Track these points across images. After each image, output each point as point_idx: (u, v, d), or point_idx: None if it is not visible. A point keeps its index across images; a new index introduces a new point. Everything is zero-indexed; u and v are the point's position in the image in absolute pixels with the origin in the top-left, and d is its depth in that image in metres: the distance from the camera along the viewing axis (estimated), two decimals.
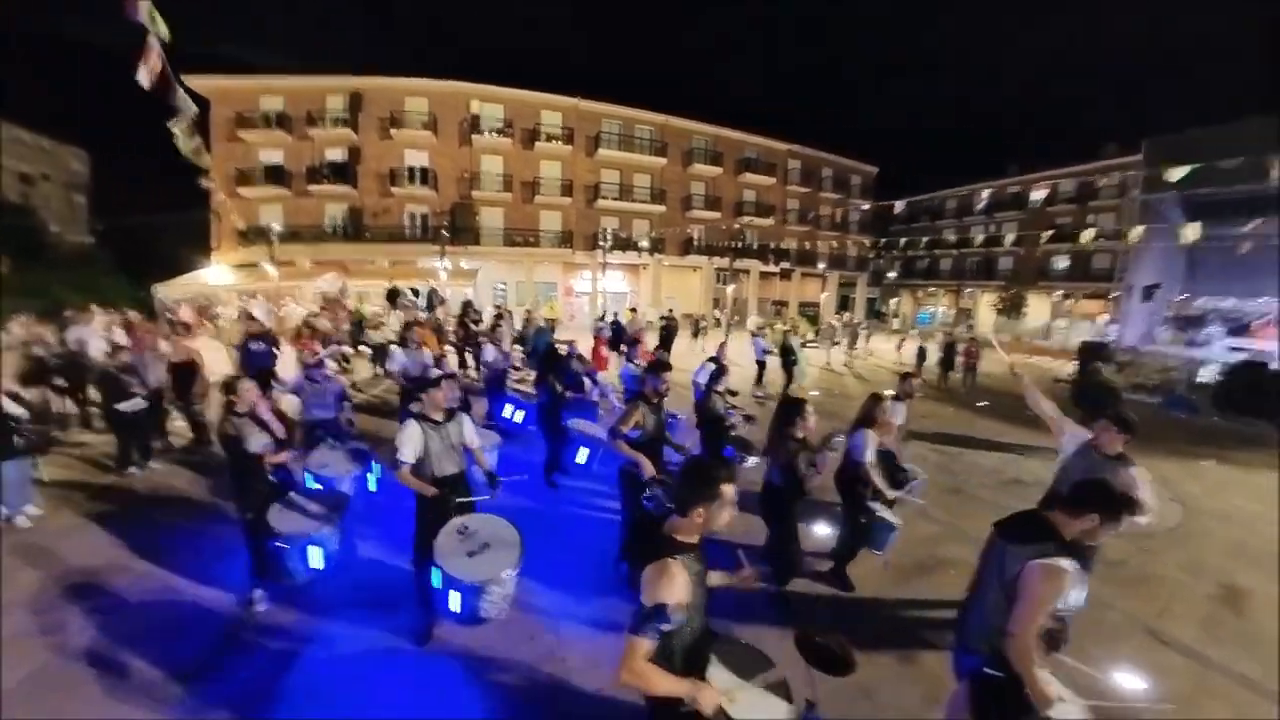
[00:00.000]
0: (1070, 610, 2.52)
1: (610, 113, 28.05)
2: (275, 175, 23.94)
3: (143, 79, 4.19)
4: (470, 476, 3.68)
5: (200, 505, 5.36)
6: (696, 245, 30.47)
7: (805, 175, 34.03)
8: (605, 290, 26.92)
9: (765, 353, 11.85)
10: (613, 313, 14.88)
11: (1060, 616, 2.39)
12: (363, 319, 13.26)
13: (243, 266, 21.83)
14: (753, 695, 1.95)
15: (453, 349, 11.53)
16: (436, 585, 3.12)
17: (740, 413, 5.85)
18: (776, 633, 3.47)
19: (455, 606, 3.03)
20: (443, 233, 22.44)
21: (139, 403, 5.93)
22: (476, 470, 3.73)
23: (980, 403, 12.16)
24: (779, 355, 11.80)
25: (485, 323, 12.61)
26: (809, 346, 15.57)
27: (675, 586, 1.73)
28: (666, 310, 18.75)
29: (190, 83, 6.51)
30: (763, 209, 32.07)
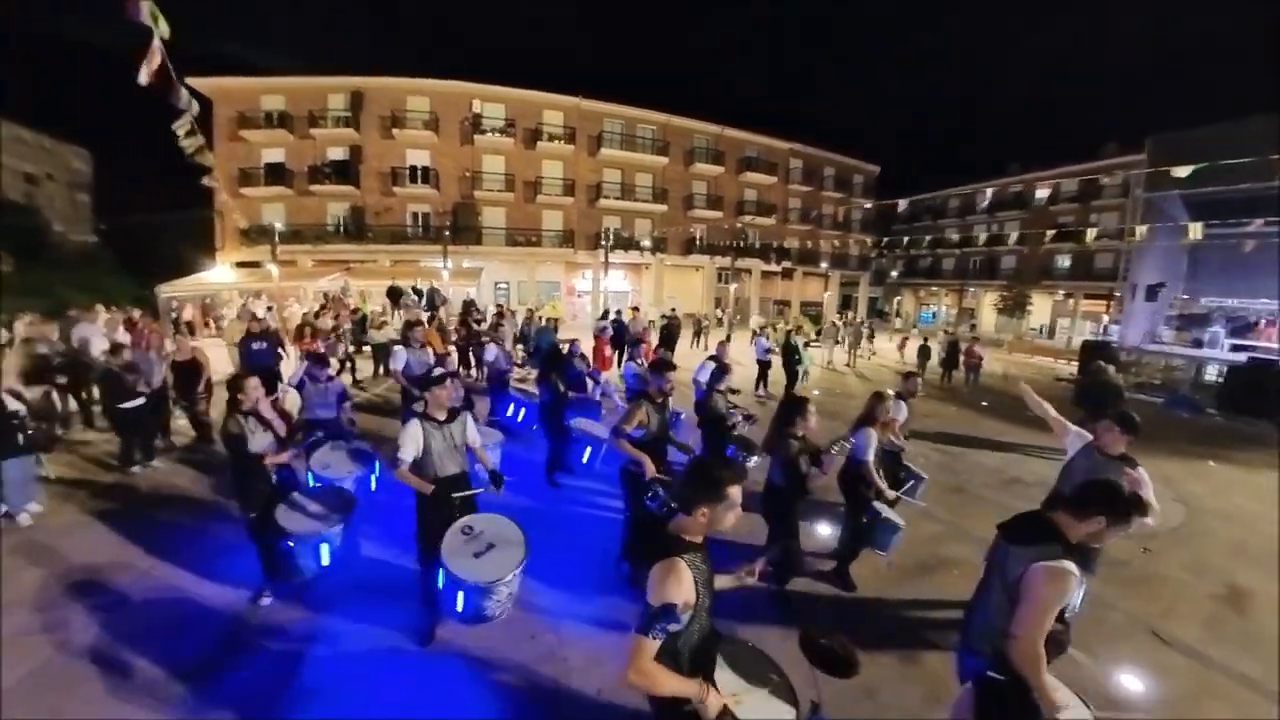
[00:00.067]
0: (1070, 612, 2.51)
1: (612, 112, 28.03)
2: (277, 174, 23.99)
3: (143, 78, 4.19)
4: (472, 475, 3.67)
5: (203, 504, 5.37)
6: (698, 244, 30.45)
7: (807, 174, 33.96)
8: (607, 290, 26.87)
9: (768, 352, 11.79)
10: (615, 312, 14.82)
11: (1063, 619, 2.38)
12: (365, 318, 13.30)
13: (245, 266, 21.90)
14: (758, 697, 1.94)
15: (454, 348, 11.54)
16: (440, 585, 3.12)
17: (741, 412, 5.84)
18: (778, 632, 3.47)
19: (460, 606, 3.03)
20: (445, 232, 22.46)
21: (138, 401, 5.95)
22: (480, 469, 3.73)
23: (983, 402, 12.16)
24: (782, 355, 11.76)
25: (487, 322, 12.64)
26: (812, 346, 15.55)
27: (683, 586, 1.71)
28: (669, 309, 18.77)
29: (192, 83, 6.52)
30: (765, 208, 31.99)
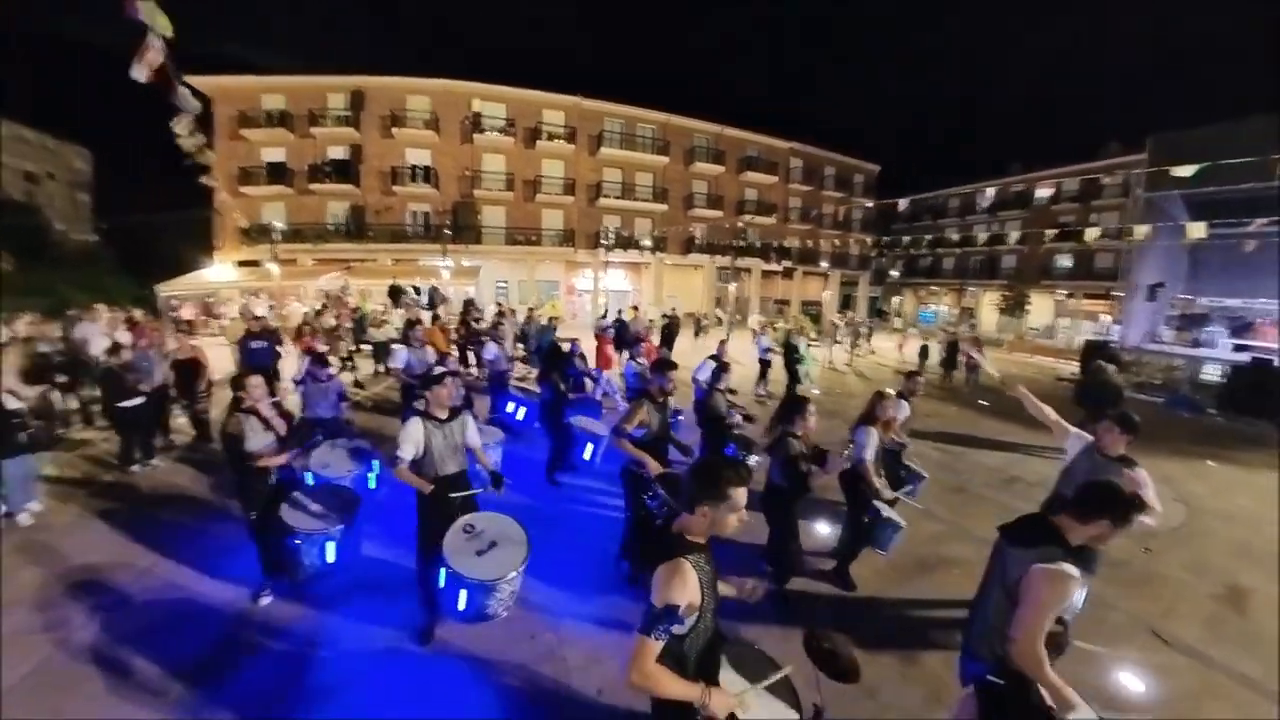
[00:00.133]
0: (1070, 613, 2.50)
1: (612, 111, 27.99)
2: (277, 173, 23.98)
3: (139, 75, 4.18)
4: (472, 475, 3.66)
5: (202, 503, 5.37)
6: (698, 244, 30.41)
7: (807, 174, 33.92)
8: (607, 289, 26.88)
9: (768, 351, 11.77)
10: (616, 311, 14.82)
11: (1062, 620, 2.37)
12: (365, 317, 13.31)
13: (245, 265, 21.91)
14: (763, 700, 1.93)
15: (454, 347, 11.54)
16: (441, 585, 3.10)
17: (740, 412, 5.84)
18: (779, 632, 3.47)
19: (462, 605, 3.01)
20: (445, 231, 22.46)
21: (138, 400, 5.95)
22: (480, 470, 3.71)
23: (983, 401, 12.15)
24: (783, 355, 11.73)
25: (487, 321, 12.63)
26: (812, 346, 15.53)
27: (687, 587, 1.69)
28: (669, 309, 18.77)
29: (192, 82, 6.51)
30: (765, 207, 31.97)
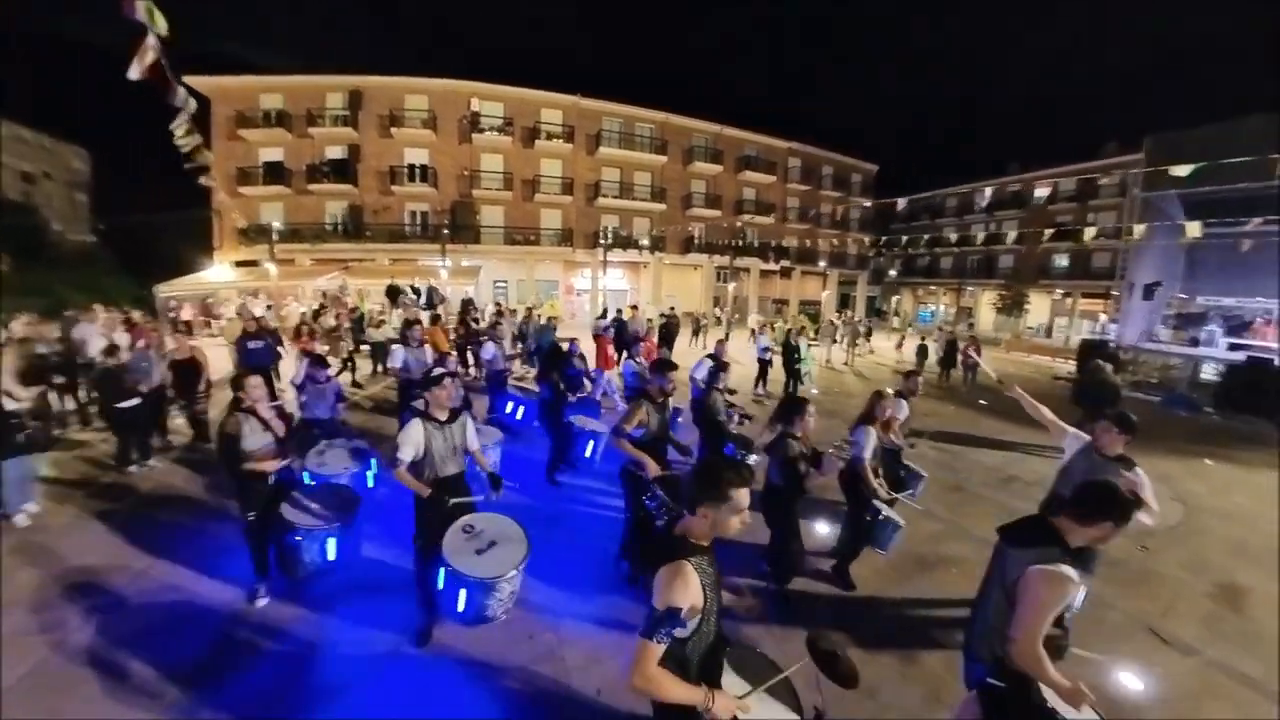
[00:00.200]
0: (1069, 615, 2.50)
1: (611, 110, 27.98)
2: (276, 173, 23.92)
3: (134, 74, 4.17)
4: (471, 477, 3.64)
5: (200, 504, 5.35)
6: (697, 243, 30.43)
7: (805, 173, 33.95)
8: (606, 288, 26.84)
9: (767, 351, 11.74)
10: (615, 311, 14.82)
11: (1061, 624, 2.37)
12: (363, 316, 13.29)
13: (244, 265, 21.87)
14: (765, 703, 1.92)
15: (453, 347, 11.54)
16: (440, 585, 3.09)
17: (739, 411, 5.83)
18: (779, 632, 3.47)
19: (462, 605, 3.00)
20: (443, 231, 22.43)
21: (135, 400, 5.94)
22: (479, 471, 3.69)
23: (981, 400, 12.16)
24: (783, 355, 11.70)
25: (485, 321, 12.63)
26: (812, 346, 15.53)
27: (689, 590, 1.67)
28: (667, 308, 18.75)
29: (190, 81, 6.51)
30: (763, 207, 31.99)
